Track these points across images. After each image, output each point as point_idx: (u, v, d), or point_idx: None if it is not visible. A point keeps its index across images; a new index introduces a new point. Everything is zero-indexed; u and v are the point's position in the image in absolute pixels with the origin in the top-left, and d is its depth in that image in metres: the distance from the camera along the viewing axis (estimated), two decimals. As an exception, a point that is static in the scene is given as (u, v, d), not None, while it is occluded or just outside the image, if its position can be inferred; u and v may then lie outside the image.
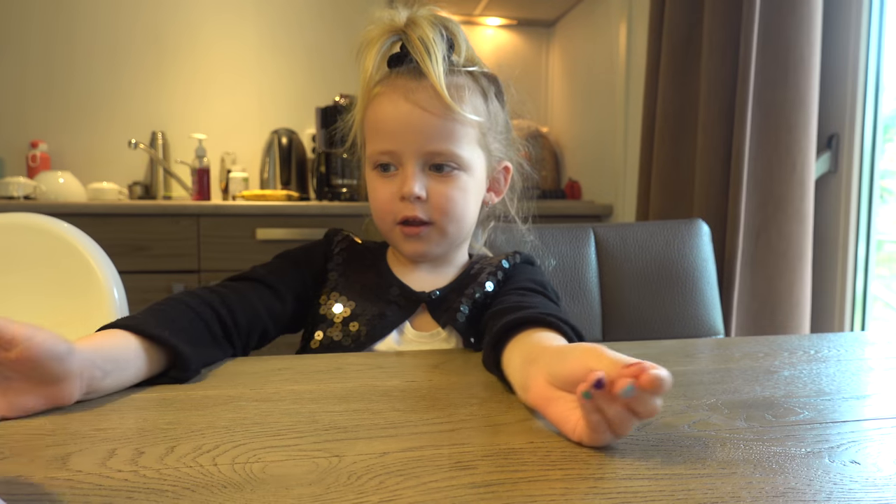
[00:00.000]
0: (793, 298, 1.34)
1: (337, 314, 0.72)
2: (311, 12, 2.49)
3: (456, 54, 0.73)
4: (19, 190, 1.99)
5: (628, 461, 0.38)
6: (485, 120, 0.73)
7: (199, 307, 0.62)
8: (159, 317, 0.57)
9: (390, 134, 0.71)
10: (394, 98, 0.70)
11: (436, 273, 0.77)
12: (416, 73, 0.70)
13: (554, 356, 0.45)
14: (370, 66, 0.72)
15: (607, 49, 2.16)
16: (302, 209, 1.98)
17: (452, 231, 0.73)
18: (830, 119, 1.39)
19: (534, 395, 0.45)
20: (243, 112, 2.48)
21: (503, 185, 0.80)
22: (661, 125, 1.60)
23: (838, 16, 1.38)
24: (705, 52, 1.45)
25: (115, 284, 0.88)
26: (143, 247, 1.89)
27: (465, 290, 0.74)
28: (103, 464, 0.36)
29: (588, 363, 0.40)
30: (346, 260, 0.77)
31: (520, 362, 0.50)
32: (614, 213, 2.11)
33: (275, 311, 0.71)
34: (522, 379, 0.48)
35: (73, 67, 2.35)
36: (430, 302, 0.74)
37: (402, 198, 0.71)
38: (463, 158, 0.71)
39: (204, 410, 0.46)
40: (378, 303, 0.73)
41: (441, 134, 0.69)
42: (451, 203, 0.71)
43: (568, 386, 0.42)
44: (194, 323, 0.60)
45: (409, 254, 0.74)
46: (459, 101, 0.70)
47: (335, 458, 0.38)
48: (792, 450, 0.40)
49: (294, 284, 0.74)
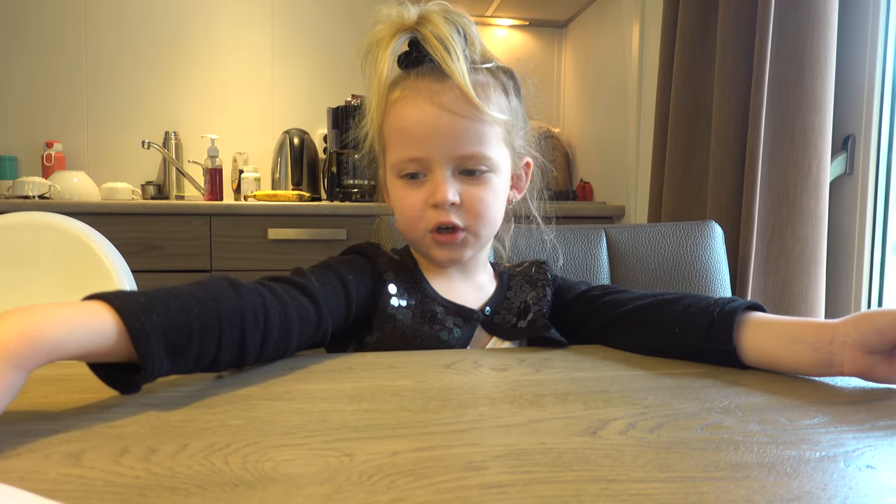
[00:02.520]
0: (807, 302, 1.33)
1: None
2: (323, 14, 2.50)
3: (472, 46, 0.71)
4: (34, 189, 2.01)
5: (641, 463, 0.38)
6: (510, 117, 0.72)
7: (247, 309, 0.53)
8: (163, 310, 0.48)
9: (417, 140, 0.68)
10: (418, 102, 0.68)
11: (468, 281, 0.76)
12: (438, 73, 0.68)
13: (853, 327, 0.53)
14: (383, 67, 0.69)
15: (620, 50, 2.15)
16: (313, 209, 1.99)
17: (485, 234, 0.72)
18: (846, 120, 1.38)
19: (851, 366, 0.53)
20: (255, 112, 2.49)
21: (525, 181, 0.79)
22: (673, 126, 1.59)
23: (854, 16, 1.37)
24: (719, 53, 1.44)
25: (128, 283, 0.89)
26: (155, 246, 1.90)
27: (515, 305, 0.74)
28: (116, 461, 0.37)
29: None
30: (397, 283, 0.72)
31: (786, 342, 0.57)
32: (626, 215, 2.10)
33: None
34: (819, 357, 0.55)
35: (89, 69, 2.37)
36: (483, 319, 0.73)
37: (436, 205, 0.68)
38: (493, 160, 0.69)
39: (215, 409, 0.46)
40: (441, 330, 0.69)
41: (471, 137, 0.68)
42: (485, 206, 0.70)
43: (884, 346, 0.52)
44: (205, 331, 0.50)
45: (442, 261, 0.73)
46: (486, 100, 0.68)
47: (346, 457, 0.38)
48: (806, 453, 0.39)
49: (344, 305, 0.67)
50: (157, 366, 0.46)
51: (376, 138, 0.74)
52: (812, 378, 0.58)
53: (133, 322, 0.45)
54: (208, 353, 0.51)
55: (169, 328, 0.47)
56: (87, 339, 0.43)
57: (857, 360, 0.53)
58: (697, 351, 0.62)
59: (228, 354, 0.52)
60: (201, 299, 0.51)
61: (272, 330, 0.56)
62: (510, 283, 0.78)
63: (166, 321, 0.47)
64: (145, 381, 0.47)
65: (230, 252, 1.94)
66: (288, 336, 0.58)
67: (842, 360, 0.54)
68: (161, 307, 0.47)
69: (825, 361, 0.55)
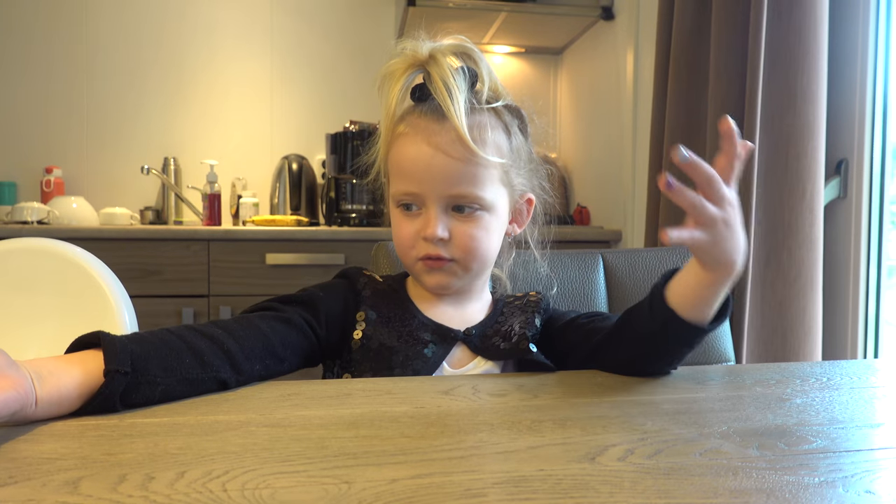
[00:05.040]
0: (804, 325, 1.33)
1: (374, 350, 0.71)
2: (322, 41, 2.53)
3: (480, 85, 0.73)
4: (33, 215, 2.01)
5: (640, 490, 0.38)
6: (507, 159, 0.74)
7: (191, 336, 0.59)
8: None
9: (413, 177, 0.71)
10: (416, 141, 0.71)
11: (460, 307, 0.78)
12: (439, 113, 0.70)
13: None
14: (393, 101, 0.73)
15: (615, 76, 2.18)
16: (311, 234, 1.99)
17: (475, 268, 0.74)
18: (839, 144, 1.40)
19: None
20: (254, 138, 2.51)
21: (525, 217, 0.81)
22: (669, 150, 1.61)
23: (845, 42, 1.39)
24: (712, 78, 1.46)
25: (127, 308, 0.89)
26: (154, 271, 1.90)
27: (503, 329, 0.75)
28: (114, 489, 0.36)
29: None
30: (375, 301, 0.75)
31: (686, 276, 0.62)
32: (623, 239, 2.10)
33: (290, 340, 0.68)
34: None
35: (89, 95, 2.39)
36: (466, 339, 0.74)
37: (425, 238, 0.71)
38: (485, 200, 0.72)
39: (214, 436, 0.46)
40: (414, 344, 0.72)
41: (463, 178, 0.70)
42: (475, 242, 0.72)
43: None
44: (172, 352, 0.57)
45: (432, 286, 0.75)
46: (482, 143, 0.70)
47: (345, 484, 0.38)
48: (805, 479, 0.39)
49: (314, 320, 0.71)
50: (118, 342, 0.53)
51: (383, 166, 0.78)
52: (809, 403, 0.58)
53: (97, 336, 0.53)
54: (173, 342, 0.57)
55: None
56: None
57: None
58: (662, 335, 0.64)
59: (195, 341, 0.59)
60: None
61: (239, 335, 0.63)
62: (503, 309, 0.79)
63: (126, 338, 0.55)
64: (113, 355, 0.51)
65: (228, 277, 1.94)
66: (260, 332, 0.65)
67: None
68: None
69: (695, 261, 0.61)
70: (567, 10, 2.24)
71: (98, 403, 0.50)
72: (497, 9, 2.18)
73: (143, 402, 0.53)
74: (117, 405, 0.51)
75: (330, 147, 2.29)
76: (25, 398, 0.45)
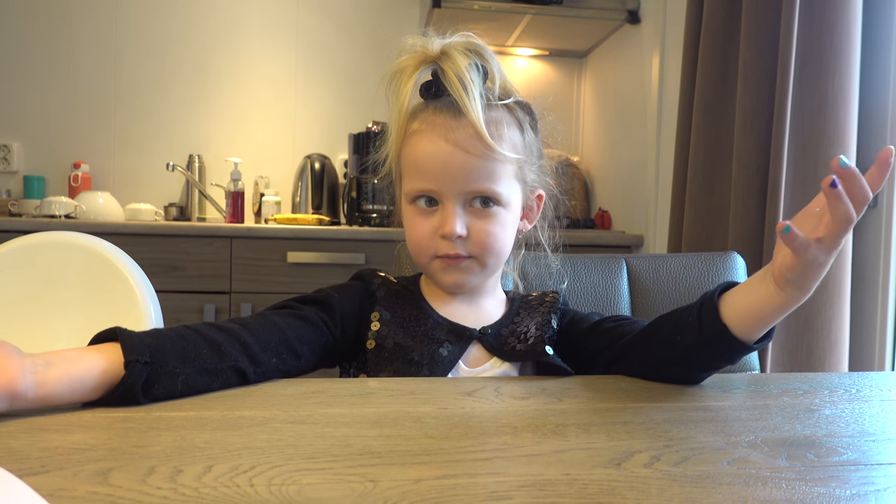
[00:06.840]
0: (831, 336, 1.31)
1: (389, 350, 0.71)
2: (346, 41, 2.54)
3: (490, 83, 0.73)
4: (61, 209, 2.05)
5: (667, 497, 0.37)
6: (522, 154, 0.74)
7: (209, 331, 0.60)
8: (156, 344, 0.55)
9: (430, 174, 0.71)
10: (433, 137, 0.70)
11: (475, 305, 0.78)
12: (454, 109, 0.70)
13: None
14: (404, 98, 0.72)
15: (640, 79, 2.16)
16: (333, 233, 2.00)
17: (491, 264, 0.74)
18: (870, 150, 1.37)
19: (780, 263, 0.56)
20: (278, 137, 2.53)
21: (536, 213, 0.81)
22: (694, 155, 1.59)
23: (877, 47, 1.37)
24: (741, 83, 1.44)
25: (153, 303, 0.90)
26: (176, 267, 1.92)
27: (519, 329, 0.75)
28: (143, 480, 0.37)
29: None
30: (389, 301, 0.75)
31: (748, 290, 0.59)
32: (645, 244, 2.09)
33: (307, 338, 0.68)
34: (765, 280, 0.58)
35: (116, 93, 2.43)
36: (482, 338, 0.74)
37: (443, 236, 0.71)
38: (502, 195, 0.72)
39: (240, 431, 0.46)
40: (430, 343, 0.72)
41: (482, 174, 0.70)
42: (492, 238, 0.72)
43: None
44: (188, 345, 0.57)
45: (448, 285, 0.75)
46: (499, 138, 0.70)
47: (370, 483, 0.38)
48: (836, 491, 0.39)
49: (330, 321, 0.71)
50: (135, 335, 0.54)
51: (394, 164, 0.77)
52: (839, 415, 0.57)
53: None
54: (188, 335, 0.58)
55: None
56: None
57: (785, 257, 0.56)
58: (707, 348, 0.62)
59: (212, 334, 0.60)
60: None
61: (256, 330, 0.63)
62: (519, 309, 0.79)
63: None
64: (131, 347, 0.52)
65: (250, 274, 1.96)
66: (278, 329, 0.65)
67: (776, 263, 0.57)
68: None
69: (770, 282, 0.58)
70: (592, 14, 2.23)
71: (121, 394, 0.51)
72: (522, 11, 2.17)
73: (166, 395, 0.54)
74: (139, 396, 0.51)
75: (352, 147, 2.30)
76: (9, 388, 0.46)
